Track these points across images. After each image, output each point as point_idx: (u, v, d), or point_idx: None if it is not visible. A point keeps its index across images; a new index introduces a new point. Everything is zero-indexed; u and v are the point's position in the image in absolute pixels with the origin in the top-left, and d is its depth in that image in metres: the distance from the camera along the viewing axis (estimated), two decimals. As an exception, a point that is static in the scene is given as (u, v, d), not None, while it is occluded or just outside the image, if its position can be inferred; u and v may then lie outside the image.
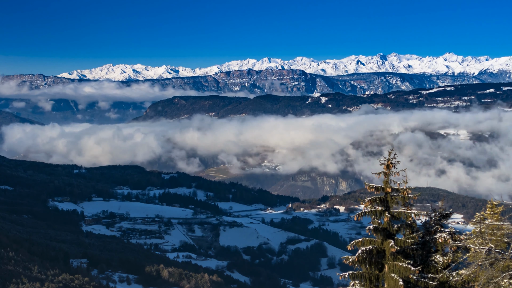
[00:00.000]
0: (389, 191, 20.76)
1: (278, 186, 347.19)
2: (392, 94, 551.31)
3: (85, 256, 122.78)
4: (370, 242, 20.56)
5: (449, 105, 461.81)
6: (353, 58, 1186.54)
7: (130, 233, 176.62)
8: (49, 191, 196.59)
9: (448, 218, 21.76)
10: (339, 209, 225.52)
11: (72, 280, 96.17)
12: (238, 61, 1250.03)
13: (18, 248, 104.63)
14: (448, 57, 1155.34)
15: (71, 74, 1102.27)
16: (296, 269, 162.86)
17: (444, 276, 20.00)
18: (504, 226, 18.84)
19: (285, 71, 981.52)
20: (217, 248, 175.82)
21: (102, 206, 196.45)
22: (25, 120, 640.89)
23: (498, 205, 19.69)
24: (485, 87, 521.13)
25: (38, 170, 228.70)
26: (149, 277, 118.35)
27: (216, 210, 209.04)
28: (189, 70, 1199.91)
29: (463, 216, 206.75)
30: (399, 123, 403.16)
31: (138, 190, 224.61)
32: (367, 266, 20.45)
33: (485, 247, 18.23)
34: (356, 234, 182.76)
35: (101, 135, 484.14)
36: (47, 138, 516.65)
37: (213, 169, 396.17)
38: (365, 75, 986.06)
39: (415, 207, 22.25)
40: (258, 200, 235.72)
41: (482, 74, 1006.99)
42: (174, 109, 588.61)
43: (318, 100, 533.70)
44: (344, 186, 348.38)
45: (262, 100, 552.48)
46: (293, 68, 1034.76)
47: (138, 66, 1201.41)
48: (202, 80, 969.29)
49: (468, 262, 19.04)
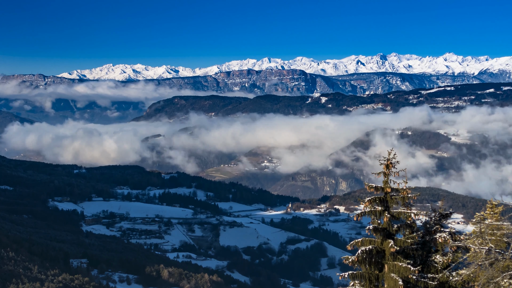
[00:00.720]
0: (389, 191, 20.76)
1: (278, 186, 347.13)
2: (392, 94, 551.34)
3: (85, 256, 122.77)
4: (369, 242, 20.55)
5: (449, 105, 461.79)
6: (353, 58, 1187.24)
7: (130, 233, 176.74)
8: (49, 191, 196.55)
9: (448, 218, 21.74)
10: (339, 209, 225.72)
11: (72, 280, 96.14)
12: (238, 61, 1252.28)
13: (18, 248, 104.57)
14: (448, 57, 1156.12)
15: (71, 74, 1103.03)
16: (296, 269, 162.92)
17: (444, 276, 19.99)
18: (504, 226, 18.83)
19: (285, 71, 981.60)
20: (217, 248, 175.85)
21: (102, 206, 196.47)
22: (25, 120, 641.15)
23: (498, 205, 19.69)
24: (485, 87, 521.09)
25: (38, 170, 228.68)
26: (149, 277, 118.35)
27: (216, 210, 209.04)
28: (189, 70, 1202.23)
29: (463, 216, 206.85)
30: (399, 123, 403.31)
31: (138, 190, 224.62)
32: (367, 266, 20.45)
33: (485, 247, 18.23)
34: (356, 234, 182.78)
35: (100, 135, 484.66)
36: (48, 138, 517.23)
37: (213, 169, 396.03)
38: (365, 75, 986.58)
39: (415, 207, 22.23)
40: (258, 200, 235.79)
41: (482, 74, 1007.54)
42: (174, 109, 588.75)
43: (318, 100, 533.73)
44: (344, 186, 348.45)
45: (262, 100, 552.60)
46: (293, 68, 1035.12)
47: (138, 66, 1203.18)
48: (202, 80, 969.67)
49: (468, 262, 19.04)
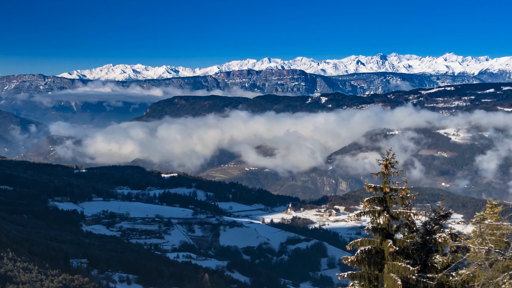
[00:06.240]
0: (388, 191, 20.74)
1: (278, 186, 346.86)
2: (392, 94, 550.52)
3: (85, 256, 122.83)
4: (369, 242, 20.52)
5: (449, 105, 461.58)
6: (353, 58, 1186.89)
7: (130, 233, 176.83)
8: (49, 191, 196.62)
9: (448, 218, 21.71)
10: (339, 209, 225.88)
11: (72, 280, 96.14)
12: (238, 61, 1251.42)
13: (18, 248, 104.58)
14: (448, 57, 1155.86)
15: (71, 74, 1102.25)
16: (296, 269, 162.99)
17: (444, 276, 19.96)
18: (504, 226, 18.80)
19: (285, 71, 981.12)
20: (217, 248, 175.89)
21: (102, 206, 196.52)
22: (25, 120, 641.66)
23: (497, 205, 19.66)
24: (485, 87, 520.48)
25: (38, 170, 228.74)
26: (149, 277, 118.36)
27: (216, 210, 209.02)
28: (189, 70, 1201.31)
29: (463, 216, 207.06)
30: (399, 123, 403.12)
31: (138, 190, 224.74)
32: (366, 266, 20.42)
33: (484, 247, 18.19)
34: (356, 234, 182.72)
35: (100, 135, 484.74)
36: (48, 138, 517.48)
37: (213, 169, 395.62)
38: (365, 75, 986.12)
39: (414, 207, 22.20)
40: (258, 200, 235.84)
41: (482, 74, 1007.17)
42: (174, 109, 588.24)
43: (318, 100, 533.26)
44: (344, 186, 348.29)
45: (262, 100, 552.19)
46: (293, 68, 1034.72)
47: (138, 66, 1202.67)
48: (202, 80, 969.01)
49: (467, 262, 19.00)
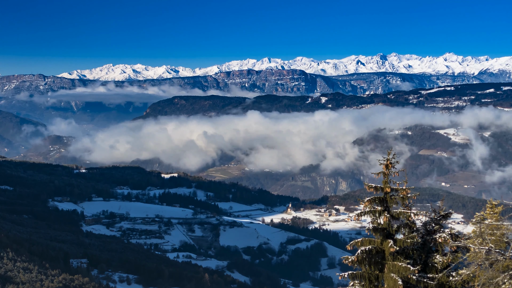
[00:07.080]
0: (388, 191, 20.76)
1: (278, 186, 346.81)
2: (392, 94, 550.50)
3: (85, 256, 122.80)
4: (369, 242, 20.53)
5: (449, 105, 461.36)
6: (353, 58, 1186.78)
7: (130, 233, 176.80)
8: (49, 191, 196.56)
9: (448, 218, 21.72)
10: (339, 209, 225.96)
11: (72, 280, 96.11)
12: (238, 61, 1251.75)
13: (18, 248, 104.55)
14: (448, 57, 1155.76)
15: (71, 74, 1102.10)
16: (296, 269, 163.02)
17: (444, 276, 19.98)
18: (504, 226, 18.82)
19: (285, 71, 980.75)
20: (217, 248, 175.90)
21: (102, 206, 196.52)
22: (25, 120, 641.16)
23: (497, 205, 19.67)
24: (485, 87, 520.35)
25: (38, 170, 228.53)
26: (149, 277, 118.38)
27: (216, 210, 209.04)
28: (189, 70, 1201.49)
29: (463, 216, 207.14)
30: (399, 123, 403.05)
31: (138, 190, 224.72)
32: (367, 266, 20.43)
33: (485, 247, 18.20)
34: (356, 234, 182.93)
35: (100, 135, 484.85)
36: (48, 137, 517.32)
37: (213, 169, 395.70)
38: (365, 75, 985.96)
39: (415, 207, 22.22)
40: (258, 200, 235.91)
41: (482, 74, 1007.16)
42: (174, 109, 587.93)
43: (318, 100, 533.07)
44: (344, 186, 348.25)
45: (262, 100, 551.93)
46: (293, 68, 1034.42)
47: (138, 66, 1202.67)
48: (202, 80, 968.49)
49: (467, 262, 19.02)
